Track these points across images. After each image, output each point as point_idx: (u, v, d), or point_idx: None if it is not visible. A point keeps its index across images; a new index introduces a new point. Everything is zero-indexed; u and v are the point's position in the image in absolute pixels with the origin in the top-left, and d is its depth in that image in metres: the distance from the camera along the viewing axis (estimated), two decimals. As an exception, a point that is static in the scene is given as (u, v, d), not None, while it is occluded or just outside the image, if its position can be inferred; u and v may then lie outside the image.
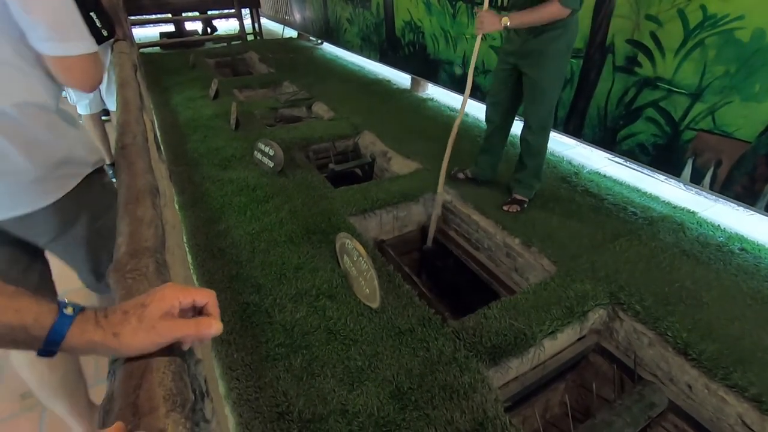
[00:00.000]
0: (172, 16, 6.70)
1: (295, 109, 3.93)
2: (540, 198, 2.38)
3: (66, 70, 0.98)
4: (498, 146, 2.44)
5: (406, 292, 1.71)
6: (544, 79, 1.97)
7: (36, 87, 1.01)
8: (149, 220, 0.82)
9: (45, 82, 1.02)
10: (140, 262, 0.70)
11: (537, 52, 1.93)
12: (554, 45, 1.88)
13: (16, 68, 0.96)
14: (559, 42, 1.88)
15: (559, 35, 1.87)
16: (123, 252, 0.73)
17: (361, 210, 2.31)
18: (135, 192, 0.91)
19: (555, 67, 1.94)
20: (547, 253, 1.96)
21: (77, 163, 1.14)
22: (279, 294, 1.71)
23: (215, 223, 2.18)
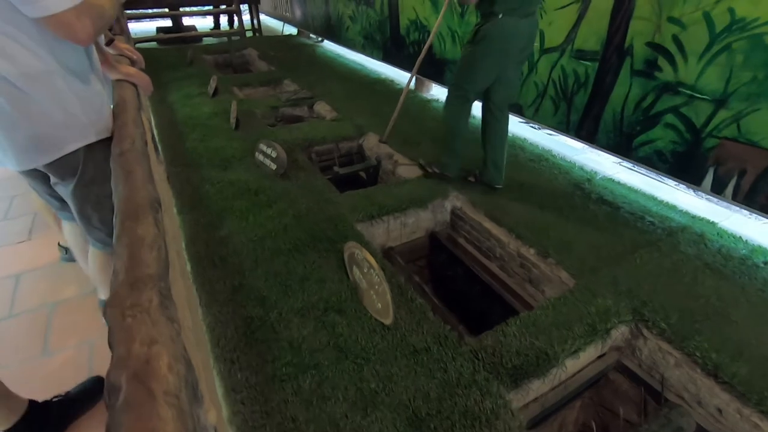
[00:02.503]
0: (169, 10, 6.55)
1: (296, 109, 3.82)
2: (554, 205, 2.29)
3: (54, 28, 1.00)
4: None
5: (419, 306, 1.62)
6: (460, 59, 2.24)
7: (34, 53, 1.04)
8: (151, 241, 0.72)
9: (45, 47, 1.05)
10: (141, 296, 0.60)
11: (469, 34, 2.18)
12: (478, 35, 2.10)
13: (11, 37, 0.99)
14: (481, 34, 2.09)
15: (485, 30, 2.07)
16: (121, 281, 0.63)
17: (368, 216, 2.21)
18: (134, 207, 0.81)
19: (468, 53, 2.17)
20: (565, 265, 1.87)
21: (79, 129, 1.17)
22: (284, 307, 1.61)
23: (216, 228, 2.07)
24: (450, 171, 2.51)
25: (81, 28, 1.02)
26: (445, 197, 2.44)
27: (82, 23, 1.01)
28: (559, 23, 2.56)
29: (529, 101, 2.92)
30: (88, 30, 1.04)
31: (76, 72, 1.15)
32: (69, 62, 1.12)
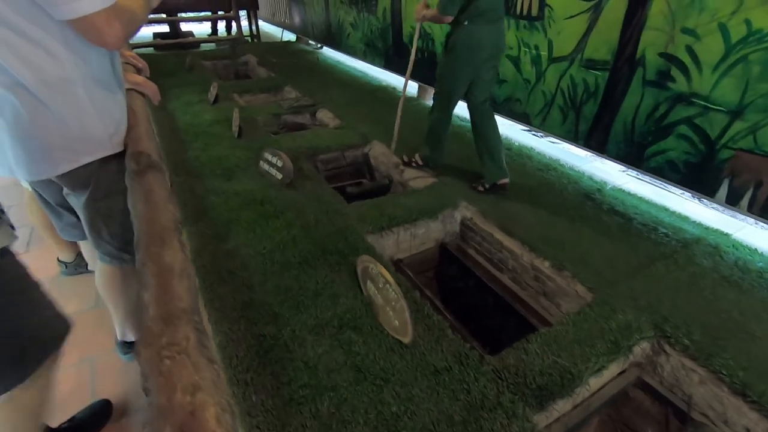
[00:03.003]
0: (167, 16, 6.50)
1: (298, 116, 3.78)
2: (565, 216, 2.26)
3: (83, 30, 0.95)
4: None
5: (437, 323, 1.57)
6: (438, 68, 2.41)
7: (57, 60, 1.00)
8: (180, 270, 0.67)
9: (71, 53, 1.00)
10: (177, 332, 0.55)
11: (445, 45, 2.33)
12: (449, 44, 2.26)
13: (35, 42, 0.95)
14: (451, 43, 2.26)
15: (454, 39, 2.23)
16: (153, 316, 0.58)
17: (378, 228, 2.16)
18: (158, 229, 0.76)
19: (445, 62, 2.32)
20: (581, 279, 1.84)
21: (95, 142, 1.13)
22: (297, 324, 1.56)
23: (222, 241, 2.01)
24: (434, 162, 2.68)
25: (110, 32, 0.98)
26: (455, 207, 2.40)
27: (112, 27, 0.97)
28: (568, 33, 2.54)
29: (537, 110, 2.91)
30: (118, 34, 0.99)
31: (98, 80, 1.10)
32: (93, 70, 1.08)
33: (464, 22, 2.14)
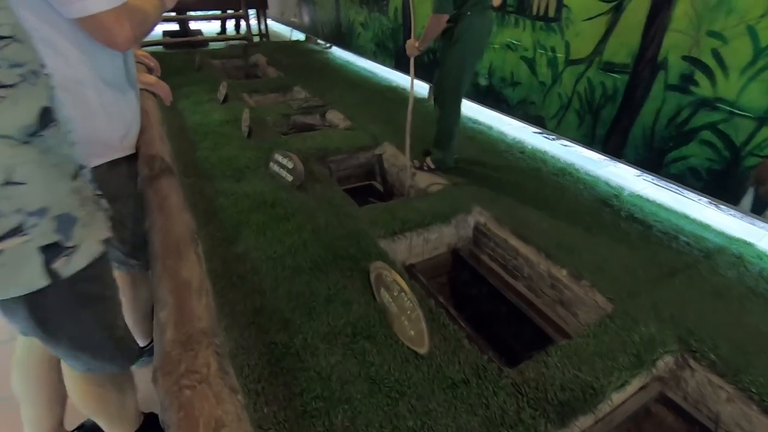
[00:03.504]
0: (176, 14, 6.49)
1: (308, 117, 3.74)
2: (582, 223, 2.21)
3: (92, 30, 0.91)
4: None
5: (453, 333, 1.52)
6: (440, 64, 2.41)
7: (67, 60, 0.96)
8: (198, 286, 0.63)
9: (81, 53, 0.97)
10: (197, 359, 0.51)
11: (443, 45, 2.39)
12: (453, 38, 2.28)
13: (45, 41, 0.92)
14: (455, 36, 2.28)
15: (459, 31, 2.25)
16: (171, 339, 0.53)
17: (390, 232, 2.12)
18: (174, 241, 0.72)
19: (451, 55, 2.34)
20: (601, 288, 1.78)
21: (103, 144, 1.09)
22: (310, 332, 1.52)
23: (232, 244, 1.98)
24: (446, 164, 2.66)
25: (120, 32, 0.94)
26: (468, 212, 2.35)
27: (122, 27, 0.93)
28: (586, 34, 2.49)
29: (552, 113, 2.85)
30: (127, 34, 0.95)
31: (110, 82, 1.06)
32: (104, 71, 1.03)
33: (467, 13, 2.18)
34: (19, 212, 0.66)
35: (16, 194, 0.65)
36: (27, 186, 0.66)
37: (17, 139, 0.65)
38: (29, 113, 0.66)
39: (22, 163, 0.65)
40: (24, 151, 0.66)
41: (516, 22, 2.94)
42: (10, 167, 0.64)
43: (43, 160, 0.69)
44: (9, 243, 0.65)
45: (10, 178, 0.64)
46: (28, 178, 0.66)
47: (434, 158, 2.67)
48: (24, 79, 0.65)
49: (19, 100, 0.64)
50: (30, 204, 0.67)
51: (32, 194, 0.67)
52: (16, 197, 0.65)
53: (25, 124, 0.65)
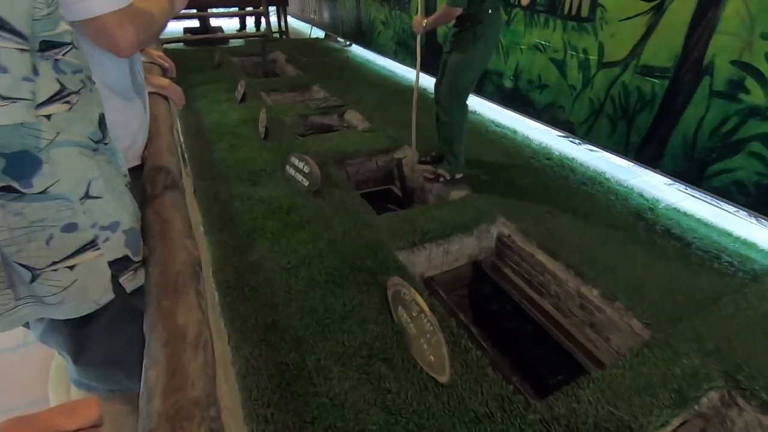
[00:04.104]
0: (197, 11, 6.49)
1: (326, 117, 3.66)
2: (615, 238, 2.07)
3: (92, 34, 0.84)
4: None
5: (476, 359, 1.42)
6: (454, 62, 2.29)
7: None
8: (195, 336, 0.54)
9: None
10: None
11: (458, 42, 2.27)
12: (475, 36, 2.19)
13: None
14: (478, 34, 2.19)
15: (481, 29, 2.18)
16: (156, 410, 0.45)
17: (409, 243, 2.02)
18: (173, 276, 0.63)
19: (468, 57, 2.24)
20: (637, 312, 1.65)
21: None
22: (323, 352, 1.43)
23: (245, 252, 1.91)
24: (459, 171, 2.54)
25: (123, 36, 0.86)
26: (492, 222, 2.23)
27: (125, 31, 0.85)
28: (622, 36, 2.33)
29: (582, 118, 2.70)
30: (131, 39, 0.87)
31: (114, 88, 0.98)
32: (108, 76, 0.96)
33: (488, 11, 2.14)
34: (94, 226, 0.67)
35: (94, 208, 0.66)
36: (102, 200, 0.68)
37: (89, 147, 0.66)
38: (92, 120, 0.68)
39: (97, 177, 0.67)
40: (96, 161, 0.67)
41: (545, 21, 2.80)
42: (87, 180, 0.65)
43: (111, 172, 0.71)
44: (83, 257, 0.66)
45: (89, 191, 0.66)
46: (102, 191, 0.68)
47: (448, 168, 2.53)
48: (84, 85, 0.66)
49: (84, 106, 0.65)
50: (104, 218, 0.69)
51: (106, 208, 0.69)
52: (94, 211, 0.67)
53: (91, 130, 0.67)
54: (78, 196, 0.64)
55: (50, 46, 0.60)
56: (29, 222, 0.60)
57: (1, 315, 0.65)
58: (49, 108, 0.60)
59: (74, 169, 0.63)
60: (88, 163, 0.65)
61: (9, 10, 0.51)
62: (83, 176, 0.65)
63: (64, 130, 0.62)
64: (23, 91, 0.54)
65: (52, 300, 0.66)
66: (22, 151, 0.57)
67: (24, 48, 0.54)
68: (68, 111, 0.62)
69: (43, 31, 0.58)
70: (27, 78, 0.55)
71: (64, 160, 0.62)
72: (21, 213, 0.59)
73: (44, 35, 0.58)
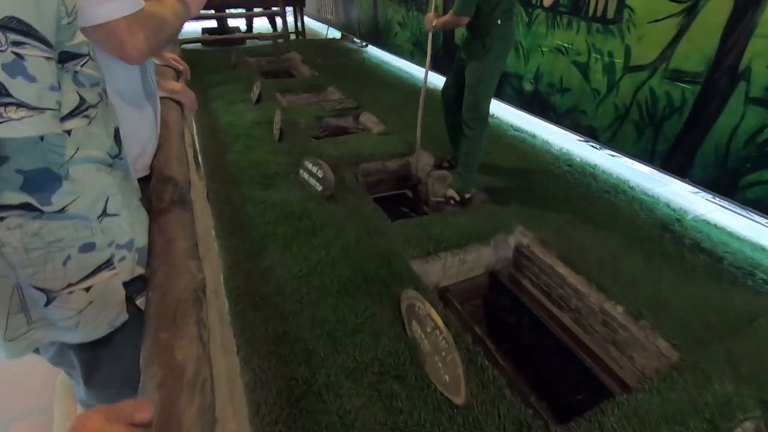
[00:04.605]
0: (215, 12, 6.53)
1: (341, 119, 3.62)
2: (640, 251, 1.97)
3: (101, 40, 0.80)
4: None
5: (492, 379, 1.35)
6: (469, 77, 2.24)
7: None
8: (193, 374, 0.50)
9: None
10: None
11: (470, 52, 2.23)
12: (485, 48, 2.14)
13: None
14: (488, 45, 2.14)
15: (491, 40, 2.13)
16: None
17: (424, 252, 1.96)
18: (173, 303, 0.59)
19: (486, 64, 2.17)
20: (664, 332, 1.56)
21: None
22: (333, 367, 1.38)
23: (256, 258, 1.87)
24: (469, 190, 2.42)
25: (132, 43, 0.82)
26: (510, 232, 2.16)
27: (135, 37, 0.81)
28: (651, 38, 2.23)
29: (606, 124, 2.60)
30: (140, 45, 0.83)
31: (124, 96, 0.94)
32: (118, 84, 0.92)
33: (497, 21, 2.09)
34: (111, 245, 0.65)
35: (111, 226, 0.64)
36: (119, 217, 0.66)
37: (106, 163, 0.64)
38: (109, 134, 0.65)
39: (115, 193, 0.64)
40: (113, 177, 0.64)
41: (569, 23, 2.70)
42: (105, 197, 0.63)
43: (126, 187, 0.68)
44: (99, 278, 0.64)
45: (107, 209, 0.63)
46: (119, 208, 0.65)
47: (458, 186, 2.38)
48: (101, 98, 0.64)
49: (102, 120, 0.63)
50: (121, 236, 0.66)
51: (123, 225, 0.66)
52: (111, 229, 0.64)
53: (109, 145, 0.65)
54: (96, 214, 0.62)
55: (70, 57, 0.58)
56: (46, 243, 0.58)
57: (14, 340, 0.63)
58: (70, 123, 0.58)
59: (93, 186, 0.61)
60: (106, 179, 0.63)
61: (36, 17, 0.48)
62: (102, 193, 0.63)
63: (83, 146, 0.60)
64: (50, 101, 0.52)
65: (66, 324, 0.64)
66: (43, 168, 0.55)
67: (50, 56, 0.51)
68: (87, 126, 0.60)
69: (63, 41, 0.56)
70: (53, 87, 0.52)
71: (83, 177, 0.60)
72: (38, 233, 0.57)
73: (64, 45, 0.56)
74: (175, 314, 0.57)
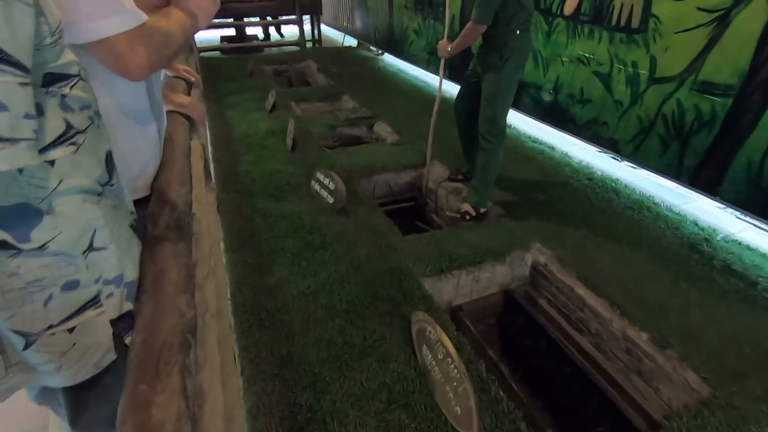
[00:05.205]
0: (233, 20, 6.62)
1: (355, 129, 3.59)
2: (666, 273, 1.87)
3: (102, 56, 0.76)
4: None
5: (507, 411, 1.27)
6: (485, 89, 2.18)
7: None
8: (171, 440, 0.44)
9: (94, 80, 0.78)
10: None
11: (486, 64, 2.17)
12: (502, 59, 2.10)
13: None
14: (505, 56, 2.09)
15: (508, 51, 2.08)
16: None
17: (436, 270, 1.89)
18: (157, 348, 0.54)
19: (503, 75, 2.12)
20: (694, 364, 1.46)
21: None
22: (339, 393, 1.32)
23: (264, 274, 1.83)
24: (485, 204, 2.33)
25: (133, 59, 0.78)
26: (527, 249, 2.07)
27: (135, 53, 0.77)
28: (679, 49, 2.13)
29: (629, 137, 2.50)
30: (142, 62, 0.79)
31: (128, 113, 0.90)
32: (122, 101, 0.88)
33: (515, 31, 2.05)
34: (98, 281, 0.60)
35: (98, 260, 0.59)
36: (107, 251, 0.60)
37: (94, 192, 0.59)
38: (99, 160, 0.61)
39: (102, 226, 0.59)
40: (101, 207, 0.60)
41: (590, 33, 2.62)
42: (92, 230, 0.58)
43: (116, 217, 0.63)
44: (83, 317, 0.59)
45: (93, 243, 0.58)
46: (107, 241, 0.60)
47: (474, 200, 2.27)
48: (92, 122, 0.60)
49: (92, 145, 0.59)
50: (109, 271, 0.61)
51: (111, 260, 0.61)
52: (98, 264, 0.59)
53: (98, 173, 0.60)
54: (81, 250, 0.56)
55: (56, 79, 0.53)
56: (25, 283, 0.53)
57: None
58: (54, 152, 0.53)
59: (78, 219, 0.56)
60: (93, 211, 0.58)
61: (9, 38, 0.44)
62: (87, 226, 0.57)
63: (68, 176, 0.55)
64: (25, 130, 0.47)
65: (46, 368, 0.59)
66: (21, 203, 0.50)
67: (25, 81, 0.46)
68: (74, 154, 0.55)
69: (46, 62, 0.51)
70: (28, 115, 0.47)
71: (68, 210, 0.55)
72: (16, 273, 0.52)
73: (48, 67, 0.52)
74: (158, 362, 0.52)
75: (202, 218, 1.26)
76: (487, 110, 2.18)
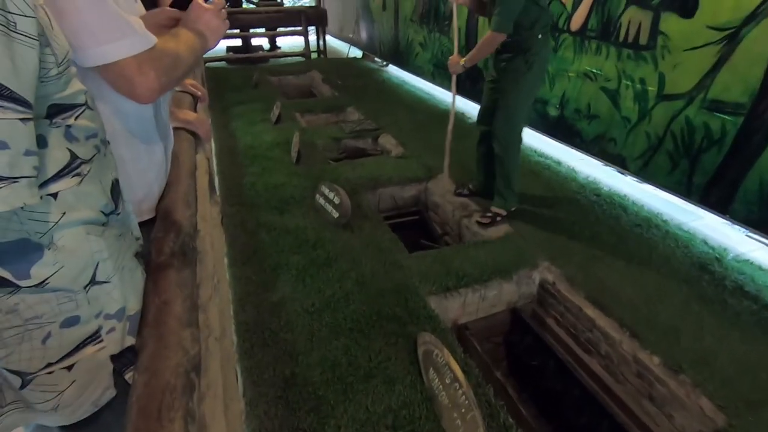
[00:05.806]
0: (240, 31, 6.67)
1: (360, 141, 3.58)
2: (677, 293, 1.83)
3: (111, 79, 0.75)
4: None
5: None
6: (507, 94, 2.17)
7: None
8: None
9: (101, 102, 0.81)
10: None
11: (509, 71, 2.15)
12: (527, 64, 2.08)
13: None
14: (530, 61, 2.07)
15: (532, 56, 2.06)
16: None
17: (443, 288, 1.87)
18: (159, 391, 0.51)
19: (526, 81, 2.11)
20: (708, 391, 1.41)
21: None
22: (344, 418, 1.29)
23: (268, 290, 1.81)
24: (514, 204, 2.37)
25: (142, 83, 0.76)
26: (534, 267, 2.04)
27: (145, 76, 0.76)
28: (687, 66, 2.11)
29: (637, 153, 2.47)
30: (152, 85, 0.77)
31: (135, 135, 0.89)
32: (129, 123, 0.87)
33: (538, 35, 2.04)
34: (99, 316, 0.57)
35: (100, 295, 0.57)
36: (110, 284, 0.58)
37: (98, 223, 0.57)
38: (105, 190, 0.59)
39: (105, 258, 0.57)
40: (105, 238, 0.57)
41: (597, 48, 2.61)
42: (94, 264, 0.56)
43: (121, 247, 0.61)
44: (83, 354, 0.56)
45: (96, 276, 0.56)
46: (110, 274, 0.58)
47: (501, 204, 2.34)
48: (98, 151, 0.58)
49: (97, 175, 0.57)
50: (111, 305, 0.59)
51: (113, 294, 0.59)
52: (99, 298, 0.57)
53: (103, 203, 0.58)
54: (82, 285, 0.54)
55: (61, 110, 0.51)
56: (23, 320, 0.51)
57: None
58: (57, 184, 0.51)
59: (80, 253, 0.54)
60: (97, 243, 0.56)
61: (10, 73, 0.41)
62: (90, 260, 0.55)
63: (71, 209, 0.52)
64: (25, 167, 0.44)
65: (44, 407, 0.56)
66: (20, 239, 0.48)
67: (27, 117, 0.44)
68: (79, 185, 0.53)
69: (51, 93, 0.49)
70: (29, 152, 0.45)
71: (70, 244, 0.52)
72: (15, 310, 0.50)
73: (53, 98, 0.50)
74: (160, 409, 0.49)
75: (206, 235, 1.24)
76: (509, 116, 2.19)
